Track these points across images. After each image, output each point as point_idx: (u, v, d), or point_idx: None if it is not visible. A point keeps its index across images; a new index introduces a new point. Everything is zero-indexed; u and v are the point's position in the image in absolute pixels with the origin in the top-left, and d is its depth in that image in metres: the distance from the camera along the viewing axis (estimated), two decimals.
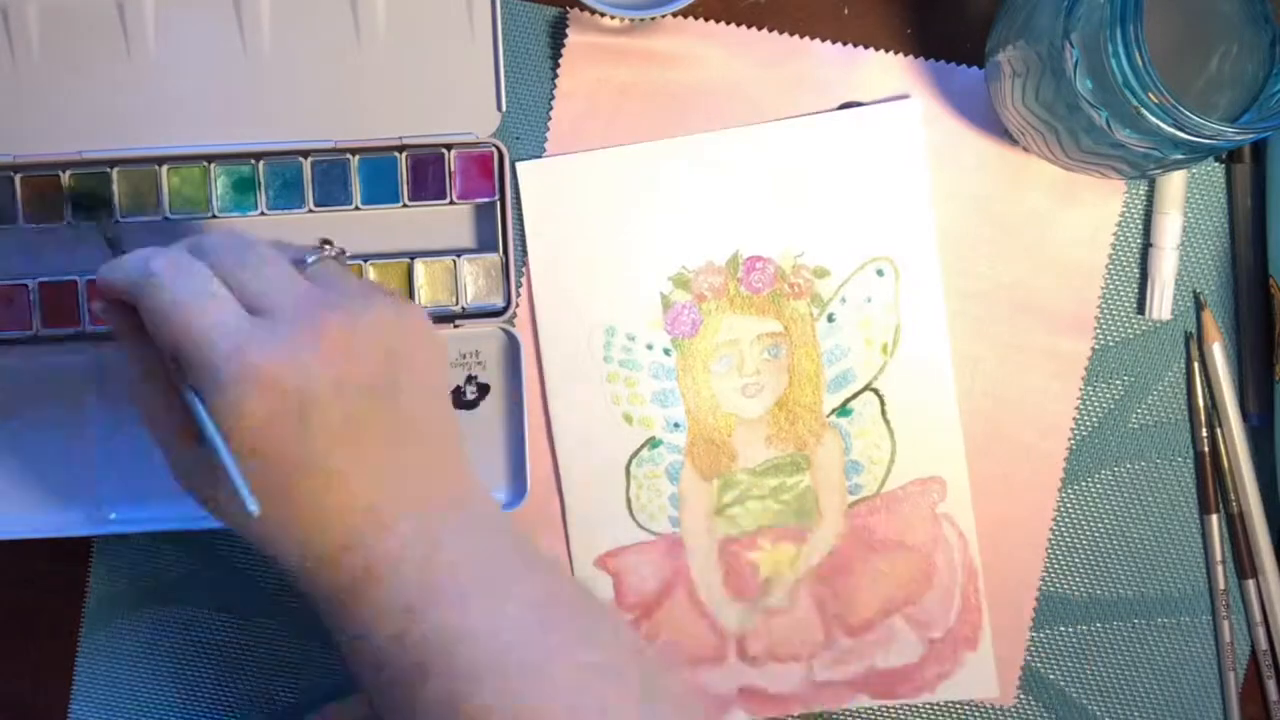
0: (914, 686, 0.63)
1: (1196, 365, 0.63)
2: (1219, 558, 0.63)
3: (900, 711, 0.64)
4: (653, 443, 0.62)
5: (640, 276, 0.62)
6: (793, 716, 0.63)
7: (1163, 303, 0.62)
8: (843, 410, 0.62)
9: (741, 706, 0.63)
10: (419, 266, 0.62)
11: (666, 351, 0.62)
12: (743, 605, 0.63)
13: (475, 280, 0.62)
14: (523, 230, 0.62)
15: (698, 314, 0.62)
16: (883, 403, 0.62)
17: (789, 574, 0.63)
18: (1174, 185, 0.62)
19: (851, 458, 0.63)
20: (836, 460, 0.63)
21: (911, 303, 0.62)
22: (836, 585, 0.63)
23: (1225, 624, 0.63)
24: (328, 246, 0.53)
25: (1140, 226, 0.63)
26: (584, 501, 0.63)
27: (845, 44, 0.63)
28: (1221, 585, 0.63)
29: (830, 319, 0.62)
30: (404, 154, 0.61)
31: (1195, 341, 0.63)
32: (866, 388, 0.62)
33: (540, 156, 0.63)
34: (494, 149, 0.61)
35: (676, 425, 0.62)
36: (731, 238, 0.62)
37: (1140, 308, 0.63)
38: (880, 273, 0.62)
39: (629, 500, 0.63)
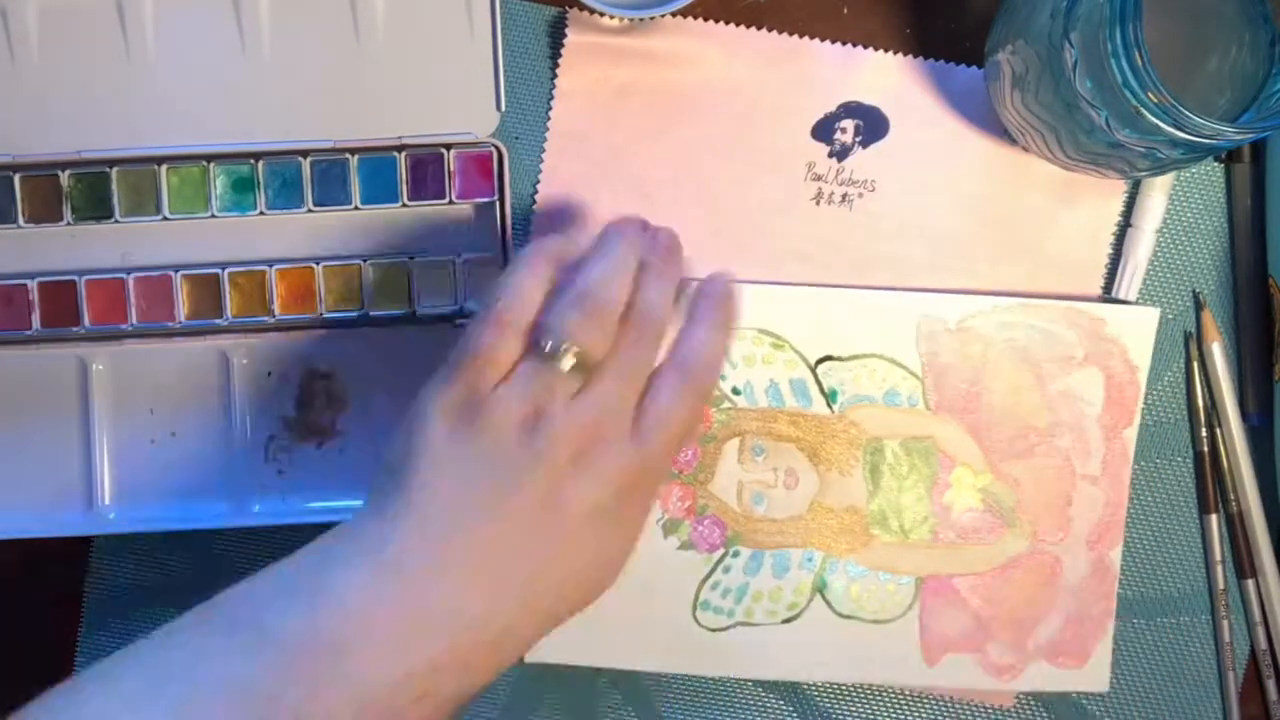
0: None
1: (1195, 365, 0.63)
2: (1219, 558, 0.63)
3: (901, 712, 0.64)
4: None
5: None
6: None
7: (1132, 284, 0.62)
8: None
9: None
10: (418, 266, 0.62)
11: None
12: None
13: (474, 280, 0.62)
14: None
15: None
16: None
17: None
18: None
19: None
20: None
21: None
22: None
23: (1225, 624, 0.63)
24: None
25: None
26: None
27: (845, 44, 0.63)
28: (1221, 585, 0.63)
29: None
30: (403, 154, 0.61)
31: (1195, 341, 0.63)
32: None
33: (539, 162, 0.63)
34: (493, 149, 0.61)
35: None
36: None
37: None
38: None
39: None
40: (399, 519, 0.47)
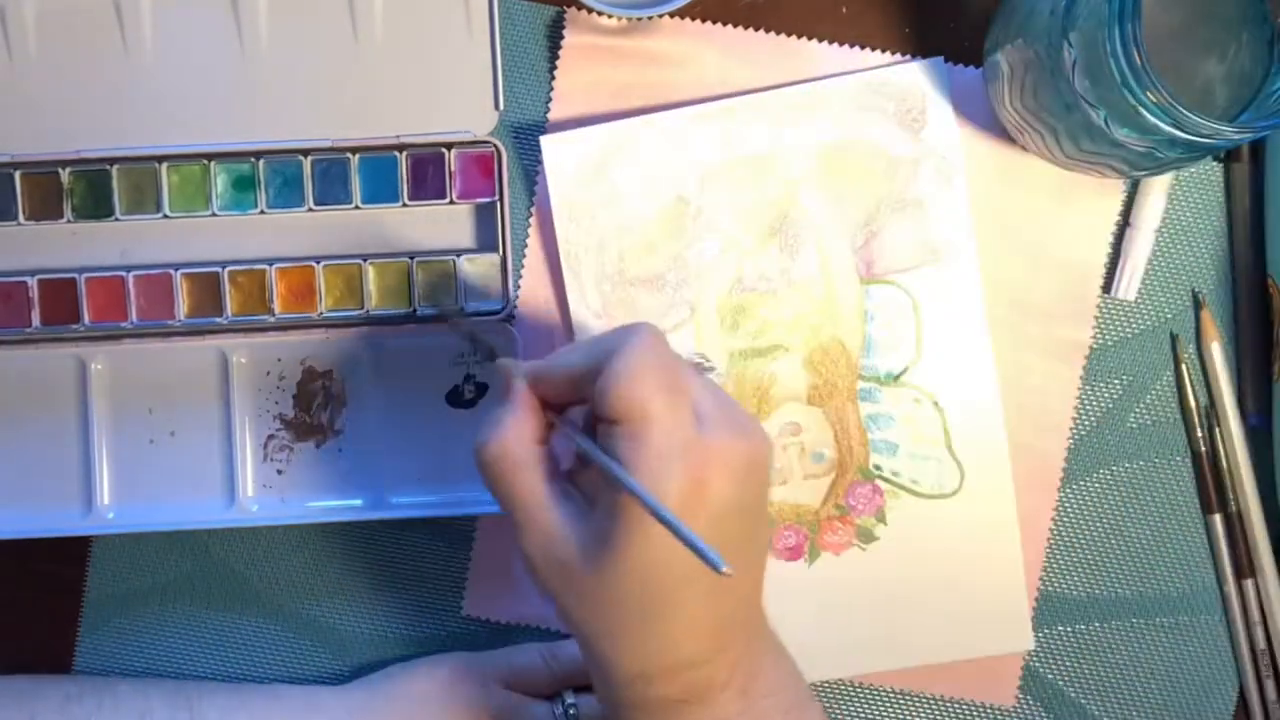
0: None
1: (1185, 368, 0.63)
2: (1219, 558, 0.63)
3: (901, 712, 0.64)
4: None
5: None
6: None
7: (1131, 284, 0.62)
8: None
9: None
10: (418, 266, 0.62)
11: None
12: None
13: (474, 280, 0.62)
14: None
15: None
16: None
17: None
18: None
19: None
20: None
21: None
22: None
23: (1225, 624, 0.63)
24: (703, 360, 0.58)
25: None
26: None
27: (843, 44, 0.63)
28: (1221, 585, 0.63)
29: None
30: (404, 153, 0.61)
31: (1183, 343, 0.63)
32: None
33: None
34: (493, 147, 0.61)
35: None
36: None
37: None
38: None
39: None
40: None
